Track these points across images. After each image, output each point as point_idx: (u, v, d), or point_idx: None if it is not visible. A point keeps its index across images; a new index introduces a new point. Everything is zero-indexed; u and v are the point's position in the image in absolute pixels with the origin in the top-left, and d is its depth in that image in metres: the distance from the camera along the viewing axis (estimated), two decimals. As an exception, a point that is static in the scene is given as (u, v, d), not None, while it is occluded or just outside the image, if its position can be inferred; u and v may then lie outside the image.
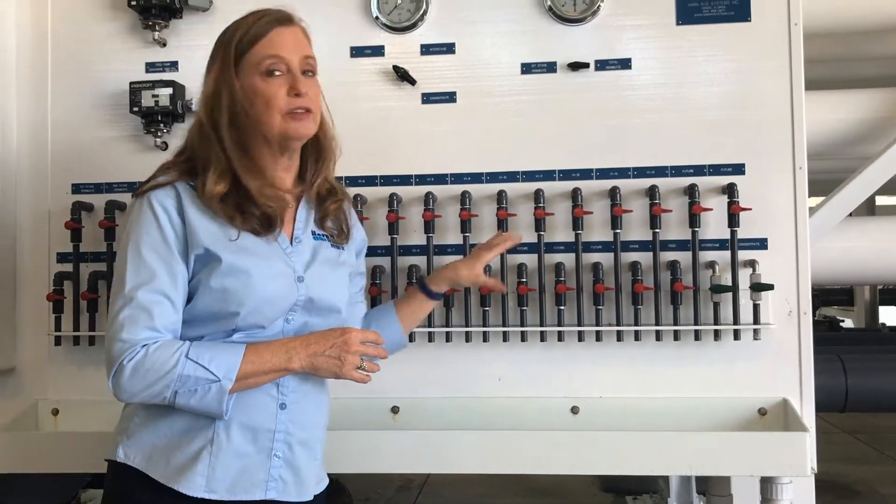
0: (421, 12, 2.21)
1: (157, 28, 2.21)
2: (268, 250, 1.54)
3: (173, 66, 2.26)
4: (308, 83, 1.57)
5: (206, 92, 1.57)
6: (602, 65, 2.19)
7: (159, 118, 2.19)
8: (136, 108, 2.19)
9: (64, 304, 2.22)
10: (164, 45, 2.25)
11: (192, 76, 2.24)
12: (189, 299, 1.51)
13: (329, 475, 1.73)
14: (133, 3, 2.18)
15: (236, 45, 1.55)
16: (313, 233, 1.64)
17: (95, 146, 2.27)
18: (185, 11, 2.23)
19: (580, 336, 2.13)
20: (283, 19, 1.60)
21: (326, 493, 1.73)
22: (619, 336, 2.13)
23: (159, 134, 2.22)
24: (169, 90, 2.18)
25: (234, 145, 1.52)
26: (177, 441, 1.49)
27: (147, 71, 2.26)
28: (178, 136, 2.25)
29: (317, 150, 1.66)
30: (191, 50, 2.26)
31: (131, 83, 2.20)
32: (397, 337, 1.83)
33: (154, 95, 2.17)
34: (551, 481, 4.35)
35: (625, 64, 2.19)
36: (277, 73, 1.54)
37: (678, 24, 2.18)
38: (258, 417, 1.53)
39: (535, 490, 4.35)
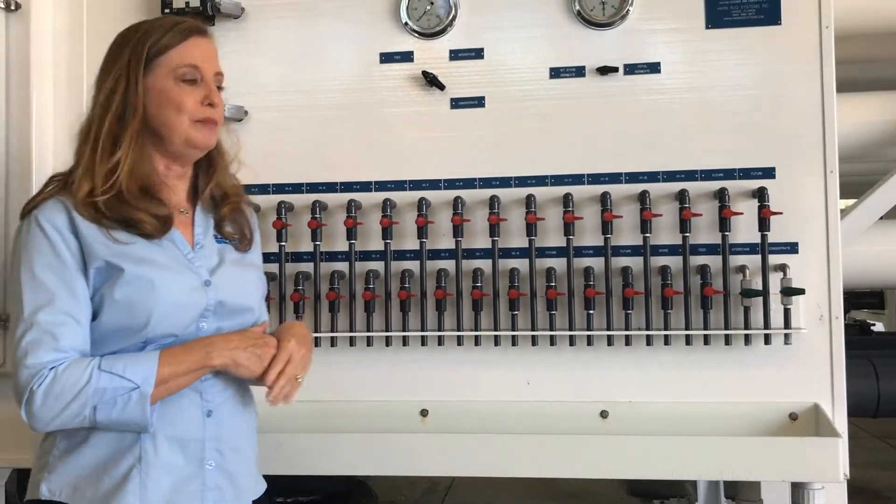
0: (450, 18, 2.23)
1: (190, 35, 2.24)
2: (169, 258, 1.51)
3: (206, 72, 2.29)
4: (218, 96, 1.59)
5: (105, 90, 1.52)
6: (631, 69, 2.19)
7: (192, 124, 2.22)
8: (169, 115, 2.22)
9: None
10: (198, 52, 2.28)
11: (225, 83, 2.27)
12: (94, 316, 1.46)
13: (354, 477, 1.73)
14: (167, 10, 2.21)
15: (149, 48, 1.52)
16: (216, 237, 1.62)
17: (130, 152, 2.30)
18: (217, 19, 2.26)
19: (609, 340, 2.13)
20: (201, 30, 1.59)
21: (351, 495, 1.72)
22: (649, 340, 2.13)
23: (192, 139, 2.25)
24: (202, 96, 2.20)
25: (130, 146, 1.48)
26: (103, 465, 1.46)
27: (180, 77, 2.29)
28: (210, 141, 2.28)
29: (209, 159, 1.65)
30: (223, 57, 2.24)
31: (165, 90, 2.23)
32: None
33: (187, 102, 2.20)
34: (578, 485, 4.34)
35: (654, 68, 2.19)
36: (192, 80, 1.54)
37: (707, 27, 2.18)
38: (185, 428, 1.50)
39: (561, 493, 4.34)
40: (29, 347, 1.40)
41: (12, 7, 2.17)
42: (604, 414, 2.16)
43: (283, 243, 2.23)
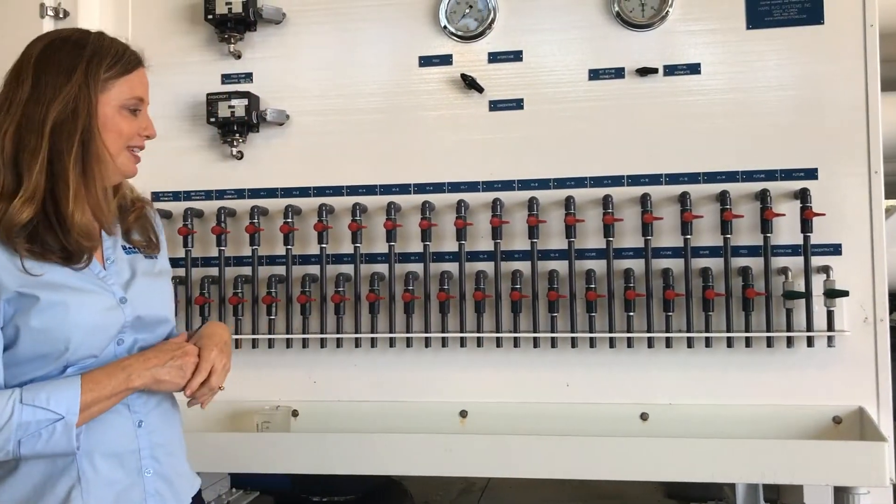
0: (489, 21, 2.24)
1: (232, 41, 2.28)
2: (81, 280, 1.46)
3: (248, 77, 2.32)
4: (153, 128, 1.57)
5: (56, 105, 1.40)
6: (671, 70, 2.18)
7: (235, 128, 2.26)
8: (212, 119, 2.26)
9: (144, 309, 2.30)
10: (239, 56, 2.32)
11: (267, 87, 2.32)
12: (8, 345, 1.40)
13: (390, 477, 1.74)
14: (209, 16, 2.25)
15: (104, 70, 1.45)
16: (124, 247, 1.57)
17: (174, 155, 2.35)
18: (258, 24, 2.30)
19: (650, 342, 2.13)
20: (140, 60, 1.54)
21: (387, 495, 1.72)
22: (690, 342, 2.12)
23: (235, 143, 2.29)
24: (244, 101, 2.24)
25: (76, 168, 1.41)
26: (39, 491, 1.42)
27: (223, 82, 2.33)
28: (252, 145, 2.32)
29: None
30: (265, 61, 2.33)
31: (208, 94, 2.27)
32: None
33: (230, 106, 2.24)
34: (612, 487, 4.31)
35: (694, 69, 2.18)
36: (137, 112, 1.51)
37: (748, 28, 2.16)
38: (119, 442, 1.48)
39: (597, 495, 4.32)
40: None
41: (61, 15, 2.22)
42: (644, 416, 2.16)
43: (324, 245, 2.25)
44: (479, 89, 2.23)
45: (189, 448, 2.11)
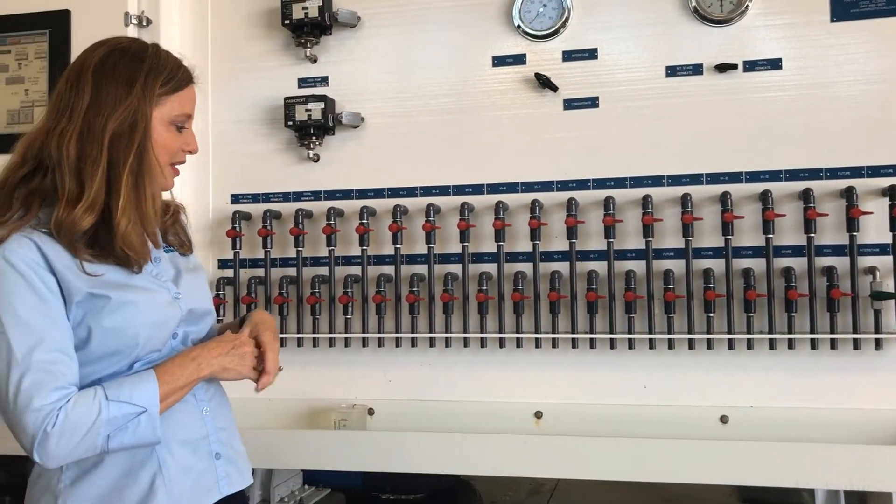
0: (563, 19, 2.22)
1: (308, 45, 2.32)
2: (141, 279, 1.52)
3: (324, 80, 2.36)
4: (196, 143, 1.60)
5: (116, 118, 1.44)
6: (751, 65, 2.14)
7: (311, 131, 2.29)
8: (290, 122, 2.29)
9: (224, 308, 2.36)
10: (315, 60, 2.35)
11: (342, 90, 2.35)
12: (80, 347, 1.44)
13: (458, 477, 1.74)
14: (286, 21, 2.29)
15: (160, 86, 1.48)
16: (163, 247, 1.62)
17: (253, 158, 2.40)
18: (334, 28, 2.33)
19: (730, 344, 2.08)
20: (192, 77, 1.56)
21: (455, 494, 1.74)
22: (772, 344, 2.07)
23: (311, 146, 2.32)
24: (321, 104, 2.27)
25: (129, 181, 1.45)
26: (122, 482, 1.48)
27: (299, 86, 2.37)
28: (328, 147, 2.35)
29: None
30: (340, 65, 2.36)
31: (286, 98, 2.31)
32: None
33: (307, 110, 2.27)
34: (686, 490, 4.24)
35: (775, 64, 2.12)
36: (183, 129, 1.54)
37: (832, 20, 2.10)
38: (192, 429, 1.55)
39: (669, 498, 4.25)
40: (32, 390, 1.37)
41: (144, 23, 2.28)
42: (724, 419, 2.11)
43: (398, 245, 2.27)
44: (554, 88, 2.22)
45: (267, 445, 2.17)
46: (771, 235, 2.06)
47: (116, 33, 2.18)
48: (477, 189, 2.29)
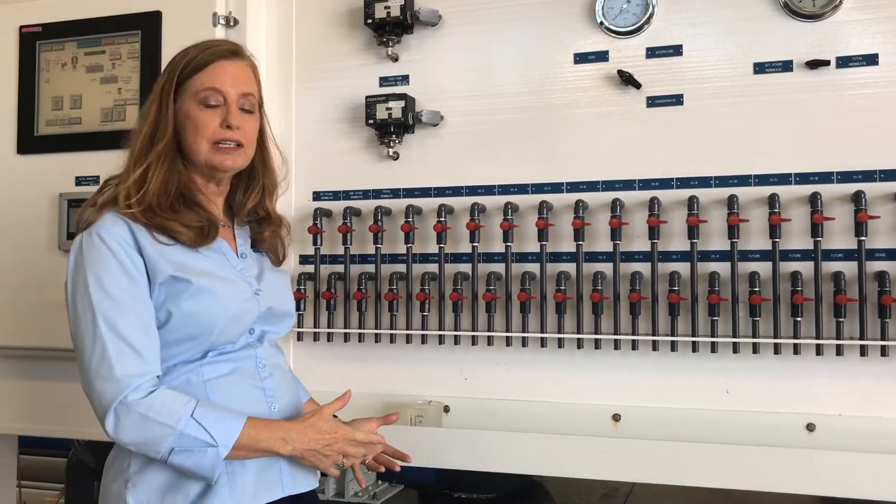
0: (647, 16, 2.18)
1: (390, 44, 2.33)
2: (224, 270, 1.58)
3: (405, 79, 2.37)
4: (243, 118, 1.59)
5: (143, 110, 1.61)
6: (844, 62, 2.06)
7: (392, 129, 2.31)
8: (371, 121, 2.32)
9: (305, 303, 2.40)
10: (396, 59, 2.37)
11: (422, 89, 2.36)
12: (159, 329, 1.51)
13: (531, 478, 1.73)
14: (369, 21, 2.31)
15: (179, 72, 1.58)
16: (253, 248, 1.69)
17: (334, 156, 2.43)
18: (415, 27, 2.34)
19: (819, 349, 2.01)
20: (229, 53, 1.61)
21: (527, 495, 1.74)
22: (863, 350, 1.99)
23: (391, 144, 2.34)
24: (401, 103, 2.29)
25: (158, 164, 1.55)
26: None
27: (380, 85, 2.39)
28: (408, 146, 2.37)
29: (248, 180, 1.69)
30: (421, 63, 2.37)
31: (367, 97, 2.33)
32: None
33: (388, 108, 2.29)
34: (766, 499, 4.13)
35: (871, 60, 2.04)
36: (213, 103, 1.56)
37: (934, 13, 2.01)
38: None
39: (741, 507, 4.15)
40: (114, 360, 1.43)
41: (231, 23, 2.34)
42: (810, 427, 2.04)
43: (475, 243, 2.26)
44: (637, 85, 2.18)
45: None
46: (864, 238, 1.98)
47: (205, 33, 2.28)
48: (556, 187, 2.27)
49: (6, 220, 2.42)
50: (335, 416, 1.65)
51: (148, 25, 2.35)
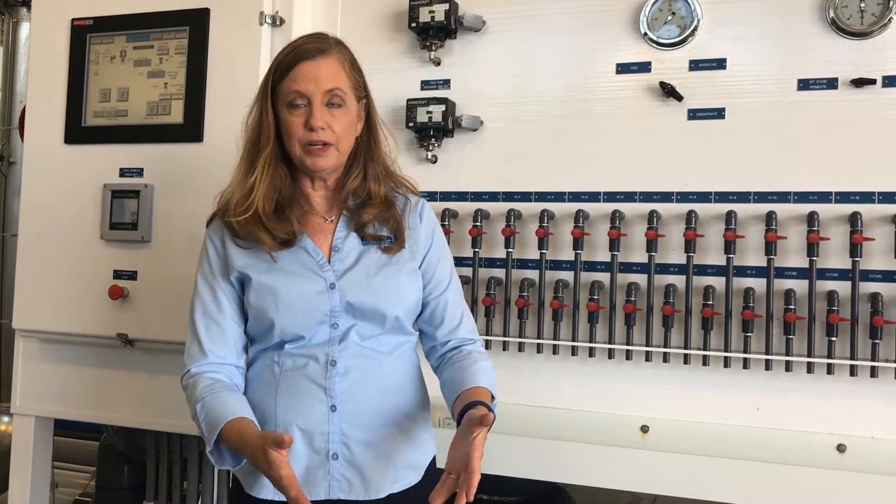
0: (691, 28, 2.18)
1: (433, 48, 2.35)
2: (297, 264, 1.62)
3: (446, 83, 2.39)
4: (329, 115, 1.60)
5: (248, 118, 1.69)
6: (891, 81, 2.04)
7: (431, 133, 2.33)
8: (411, 123, 2.34)
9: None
10: (439, 63, 2.39)
11: (463, 93, 2.37)
12: (247, 319, 1.67)
13: (554, 483, 1.72)
14: (413, 24, 2.33)
15: (273, 77, 1.63)
16: (361, 239, 1.66)
17: (373, 157, 2.45)
18: (459, 32, 2.35)
19: (853, 370, 2.00)
20: (314, 51, 1.62)
21: (550, 500, 1.72)
22: (899, 373, 1.97)
23: (430, 148, 2.36)
24: (442, 107, 2.31)
25: (264, 170, 1.62)
26: None
27: (422, 88, 2.41)
28: (447, 150, 2.38)
29: (352, 163, 1.70)
30: (462, 68, 2.38)
31: (408, 100, 2.35)
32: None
33: (428, 112, 2.31)
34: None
35: (919, 80, 2.02)
36: (300, 105, 1.59)
37: (985, 35, 1.98)
38: (311, 420, 1.58)
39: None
40: (187, 344, 1.68)
41: (278, 23, 2.37)
42: (841, 448, 2.03)
43: (510, 249, 2.28)
44: (679, 97, 2.18)
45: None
46: (904, 259, 1.97)
47: (252, 32, 2.32)
48: (593, 196, 2.27)
49: (52, 209, 2.48)
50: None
51: (196, 22, 2.39)
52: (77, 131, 2.49)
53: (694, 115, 2.18)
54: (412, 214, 1.73)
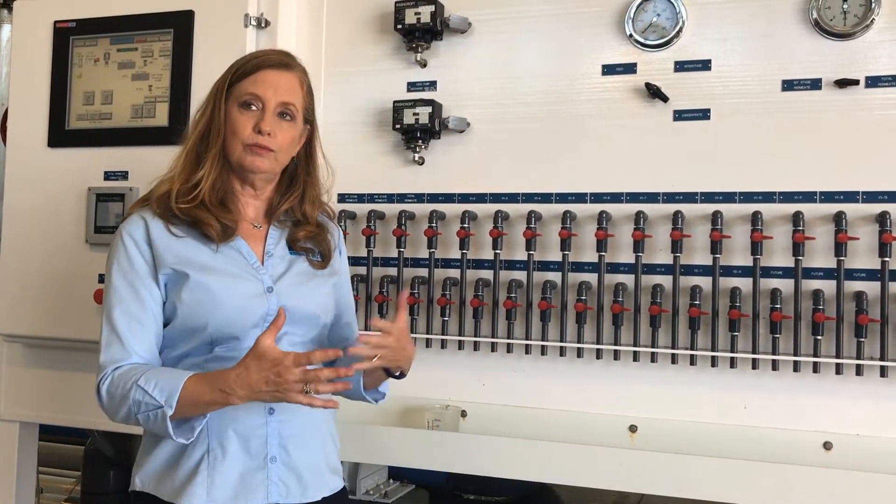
0: (676, 29, 2.19)
1: (419, 50, 2.35)
2: (233, 266, 1.60)
3: (432, 85, 2.39)
4: (279, 125, 1.63)
5: (198, 113, 1.68)
6: (874, 81, 2.06)
7: (418, 135, 2.33)
8: (398, 126, 2.34)
9: (326, 304, 2.41)
10: (425, 65, 2.39)
11: (450, 95, 2.37)
12: (170, 319, 1.58)
13: (542, 483, 1.71)
14: (399, 26, 2.33)
15: (231, 77, 1.64)
16: (290, 250, 1.69)
17: (360, 160, 2.45)
18: (445, 34, 2.35)
19: (838, 368, 2.02)
20: (278, 63, 1.66)
21: (538, 499, 1.72)
22: (884, 371, 1.99)
23: (417, 149, 2.36)
24: (428, 109, 2.31)
25: (213, 164, 1.62)
26: (178, 459, 1.56)
27: (408, 90, 2.41)
28: (434, 151, 2.38)
29: (288, 184, 1.72)
30: (449, 70, 2.38)
31: (395, 102, 2.35)
32: (355, 387, 1.72)
33: (415, 114, 2.31)
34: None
35: (901, 80, 2.04)
36: (253, 107, 1.61)
37: (966, 36, 2.00)
38: (248, 424, 1.56)
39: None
40: (103, 346, 1.55)
41: (263, 25, 2.36)
42: (827, 445, 2.05)
43: (498, 251, 2.28)
44: (664, 98, 2.19)
45: (362, 440, 2.20)
46: (887, 259, 1.98)
47: (237, 34, 2.31)
48: (580, 197, 2.28)
49: (36, 213, 2.45)
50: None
51: (180, 24, 2.37)
52: (61, 134, 2.47)
53: (679, 115, 2.19)
54: (339, 244, 1.82)
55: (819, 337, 2.02)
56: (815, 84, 2.10)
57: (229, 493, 1.54)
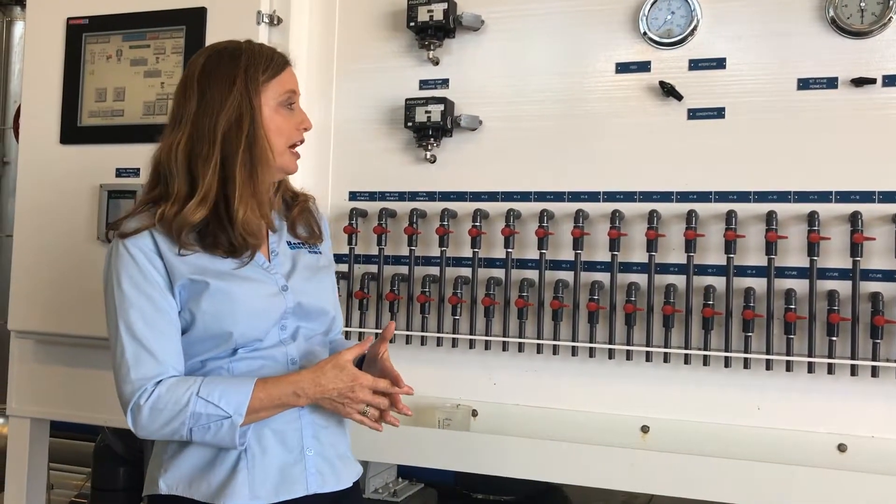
0: (691, 27, 2.17)
1: (431, 47, 2.34)
2: (250, 271, 1.59)
3: (444, 83, 2.38)
4: (309, 122, 1.67)
5: (224, 115, 1.54)
6: (891, 80, 2.04)
7: (430, 133, 2.32)
8: (409, 123, 2.33)
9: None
10: (437, 63, 2.38)
11: (462, 93, 2.36)
12: (187, 328, 1.56)
13: (549, 483, 1.71)
14: (412, 24, 2.32)
15: (262, 72, 1.58)
16: (289, 243, 1.69)
17: (371, 157, 2.45)
18: (457, 31, 2.34)
19: (853, 370, 2.00)
20: (288, 60, 1.67)
21: (546, 498, 1.73)
22: (900, 373, 1.98)
23: (429, 147, 2.35)
24: (440, 106, 2.30)
25: (244, 171, 1.54)
26: (212, 461, 1.55)
27: (420, 87, 2.40)
28: (446, 149, 2.37)
29: None
30: (461, 67, 2.37)
31: (407, 100, 2.34)
32: None
33: (427, 111, 2.30)
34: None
35: (918, 79, 2.02)
36: (292, 106, 1.63)
37: (985, 34, 1.98)
38: (283, 419, 1.57)
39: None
40: (131, 362, 1.49)
41: (275, 22, 2.35)
42: (841, 447, 2.03)
43: (510, 249, 2.27)
44: (678, 97, 2.17)
45: (372, 438, 2.19)
46: (904, 259, 1.97)
47: (249, 31, 2.30)
48: (593, 196, 2.27)
49: (48, 210, 2.46)
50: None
51: (193, 21, 2.37)
52: (73, 131, 2.48)
53: (694, 114, 2.18)
54: (317, 211, 1.80)
55: (834, 338, 2.01)
56: (831, 83, 2.08)
57: (271, 487, 1.56)
